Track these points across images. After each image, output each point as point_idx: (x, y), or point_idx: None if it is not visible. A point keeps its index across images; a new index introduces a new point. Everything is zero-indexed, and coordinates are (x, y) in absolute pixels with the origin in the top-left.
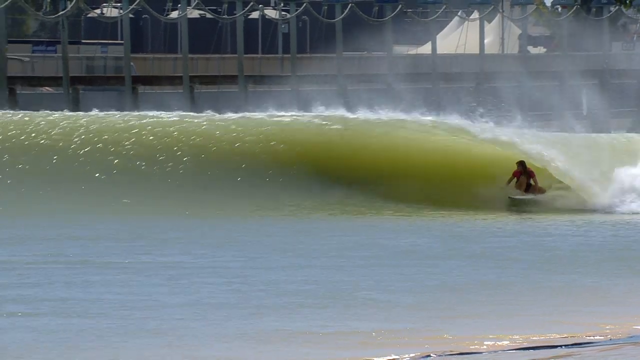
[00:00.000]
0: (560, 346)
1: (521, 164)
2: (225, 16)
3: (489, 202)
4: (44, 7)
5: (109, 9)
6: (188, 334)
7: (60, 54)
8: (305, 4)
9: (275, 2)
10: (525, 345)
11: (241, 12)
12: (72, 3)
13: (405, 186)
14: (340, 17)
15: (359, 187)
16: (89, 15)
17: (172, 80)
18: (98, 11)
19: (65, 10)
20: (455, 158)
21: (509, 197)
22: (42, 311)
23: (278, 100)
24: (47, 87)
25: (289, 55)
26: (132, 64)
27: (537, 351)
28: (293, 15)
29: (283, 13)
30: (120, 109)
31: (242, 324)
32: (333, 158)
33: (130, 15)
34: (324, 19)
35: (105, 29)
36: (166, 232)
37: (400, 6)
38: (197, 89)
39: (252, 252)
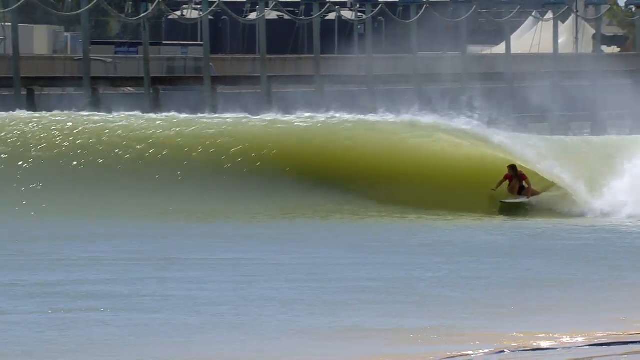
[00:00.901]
0: (635, 342)
1: (512, 167)
2: (303, 17)
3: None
4: (126, 10)
5: (189, 11)
6: (261, 329)
7: (142, 55)
8: (380, 5)
9: (351, 4)
10: (599, 341)
11: (318, 14)
12: (154, 5)
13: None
14: (415, 17)
15: (430, 188)
16: (169, 17)
17: (250, 81)
18: (178, 13)
19: (147, 13)
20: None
21: (500, 202)
22: (129, 306)
23: (355, 99)
24: (128, 88)
25: (365, 56)
26: (211, 64)
27: (611, 347)
28: (369, 16)
29: (359, 14)
30: (200, 109)
31: (316, 320)
32: (402, 160)
33: (210, 17)
34: (399, 19)
35: (186, 31)
36: (240, 230)
37: (474, 7)
38: (274, 88)
39: (326, 250)
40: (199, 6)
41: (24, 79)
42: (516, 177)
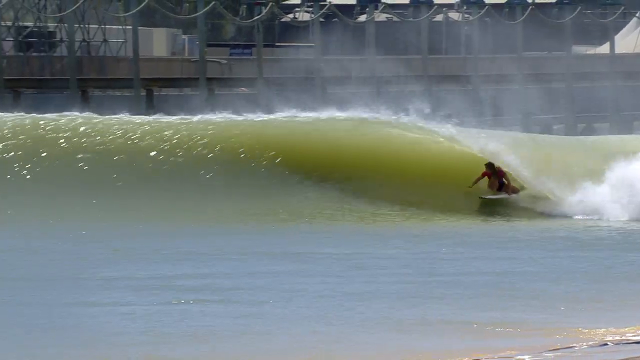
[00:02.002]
0: None
1: (489, 165)
2: (411, 19)
3: None
4: (241, 13)
5: (301, 13)
6: (353, 321)
7: (256, 57)
8: (487, 7)
9: (458, 5)
10: None
11: (426, 15)
12: (267, 9)
13: None
14: (521, 18)
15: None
16: (282, 20)
17: (360, 81)
18: (291, 16)
19: (261, 16)
20: None
21: (480, 197)
22: (241, 299)
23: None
24: (242, 88)
25: (471, 56)
26: (322, 65)
27: None
28: (475, 17)
29: (466, 15)
30: (312, 108)
31: (417, 313)
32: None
33: (321, 19)
34: (505, 20)
35: (298, 32)
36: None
37: (579, 8)
38: (383, 88)
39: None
40: (310, 9)
41: (143, 80)
42: (494, 174)
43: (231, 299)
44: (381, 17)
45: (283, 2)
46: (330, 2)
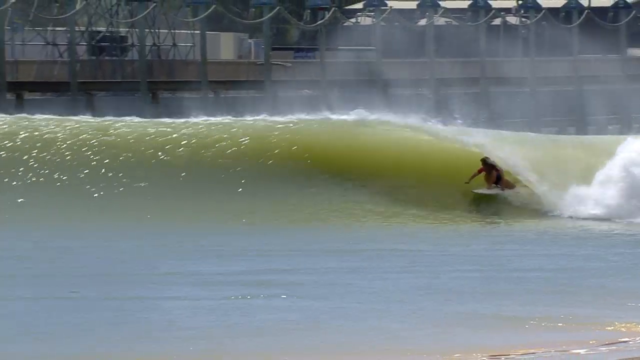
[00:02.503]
0: None
1: (484, 161)
2: (469, 23)
3: None
4: (305, 18)
5: (363, 17)
6: (411, 316)
7: (319, 60)
8: (543, 11)
9: (515, 9)
10: None
11: (484, 19)
12: (330, 13)
13: None
14: (577, 22)
15: None
16: (344, 24)
17: (419, 83)
18: (353, 20)
19: (324, 20)
20: None
21: (472, 192)
22: (307, 294)
23: (517, 100)
24: (306, 90)
25: (528, 59)
26: (383, 67)
27: None
28: (532, 21)
29: (523, 19)
30: (372, 108)
31: (479, 308)
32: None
33: (382, 24)
34: (561, 24)
35: (360, 36)
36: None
37: (634, 12)
38: (442, 90)
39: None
40: (372, 13)
41: (211, 82)
42: (490, 170)
43: (295, 294)
44: (440, 21)
45: (346, 7)
46: (391, 6)
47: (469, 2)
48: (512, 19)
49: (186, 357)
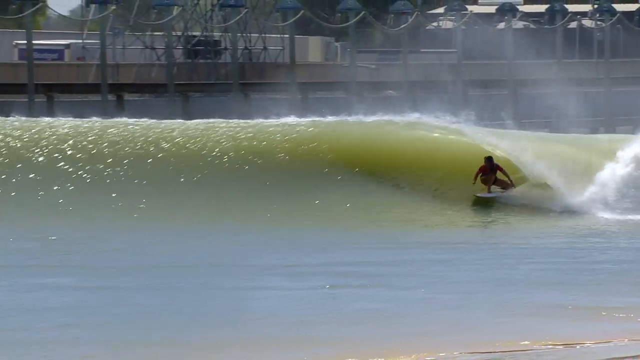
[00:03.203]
0: None
1: (488, 159)
2: (547, 26)
3: None
4: (389, 22)
5: (444, 21)
6: (491, 307)
7: (402, 62)
8: (618, 15)
9: (591, 13)
10: None
11: (561, 22)
12: (413, 18)
13: None
14: None
15: None
16: (426, 28)
17: (499, 83)
18: (435, 24)
19: (407, 24)
20: None
21: (474, 195)
22: (391, 284)
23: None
24: (390, 91)
25: (603, 60)
26: (463, 69)
27: None
28: (607, 24)
29: (598, 22)
30: (453, 109)
31: (556, 299)
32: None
33: (462, 27)
34: (636, 27)
35: (441, 39)
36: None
37: None
38: (519, 91)
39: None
40: (453, 17)
41: (299, 84)
42: (492, 169)
43: (380, 284)
44: (518, 24)
45: (428, 12)
46: (471, 11)
47: (546, 6)
48: (587, 22)
49: (277, 343)
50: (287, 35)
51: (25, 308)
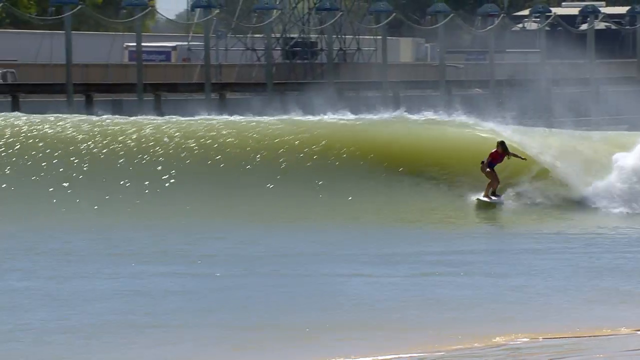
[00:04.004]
0: None
1: (501, 143)
2: (627, 27)
3: None
4: (476, 24)
5: (529, 23)
6: (585, 292)
7: (489, 61)
8: None
9: None
10: None
11: None
12: (499, 19)
13: None
14: None
15: None
16: (512, 29)
17: (580, 82)
18: (520, 25)
19: (493, 25)
20: None
21: (477, 199)
22: (482, 271)
23: None
24: (477, 89)
25: None
26: (547, 68)
27: None
28: None
29: None
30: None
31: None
32: None
33: (547, 28)
34: None
35: (526, 40)
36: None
37: None
38: (602, 88)
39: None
40: (537, 19)
41: (391, 83)
42: (504, 154)
43: (472, 272)
44: (600, 25)
45: (513, 14)
46: (555, 12)
47: (627, 8)
48: None
49: (371, 326)
50: (379, 37)
51: (137, 293)
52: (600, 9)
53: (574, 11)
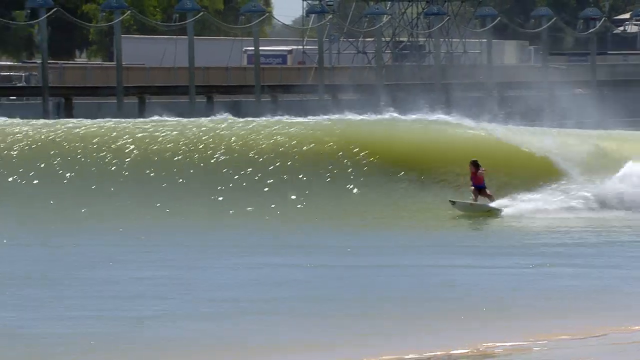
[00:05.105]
0: None
1: (474, 163)
2: None
3: None
4: (578, 27)
5: (630, 26)
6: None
7: (590, 63)
8: None
9: None
10: None
11: None
12: (600, 23)
13: None
14: None
15: None
16: (613, 32)
17: None
18: (621, 28)
19: (595, 28)
20: None
21: (449, 201)
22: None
23: None
24: (579, 89)
25: None
26: None
27: None
28: None
29: None
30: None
31: None
32: None
33: None
34: None
35: (627, 42)
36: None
37: None
38: None
39: None
40: (638, 22)
41: (496, 84)
42: (475, 174)
43: (585, 264)
44: None
45: (615, 17)
46: None
47: None
48: None
49: (477, 316)
50: (485, 40)
51: (246, 283)
52: None
53: None
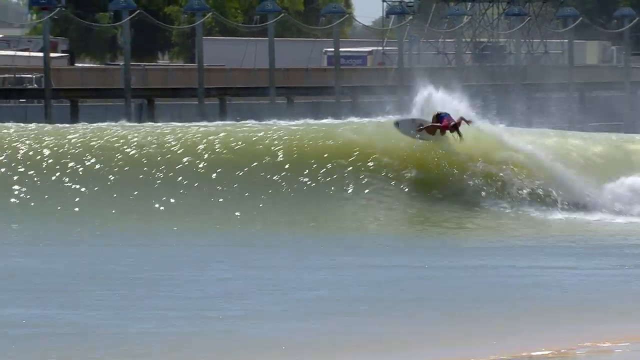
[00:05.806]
0: None
1: (437, 116)
2: None
3: None
4: None
5: None
6: None
7: None
8: None
9: None
10: None
11: None
12: None
13: None
14: None
15: None
16: None
17: None
18: None
19: None
20: None
21: (394, 122)
22: None
23: None
24: None
25: None
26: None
27: None
28: None
29: None
30: None
31: None
32: None
33: None
34: None
35: None
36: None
37: None
38: None
39: None
40: None
41: (578, 84)
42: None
43: None
44: None
45: None
46: None
47: None
48: None
49: (558, 316)
50: (566, 40)
51: (284, 283)
52: None
53: None
